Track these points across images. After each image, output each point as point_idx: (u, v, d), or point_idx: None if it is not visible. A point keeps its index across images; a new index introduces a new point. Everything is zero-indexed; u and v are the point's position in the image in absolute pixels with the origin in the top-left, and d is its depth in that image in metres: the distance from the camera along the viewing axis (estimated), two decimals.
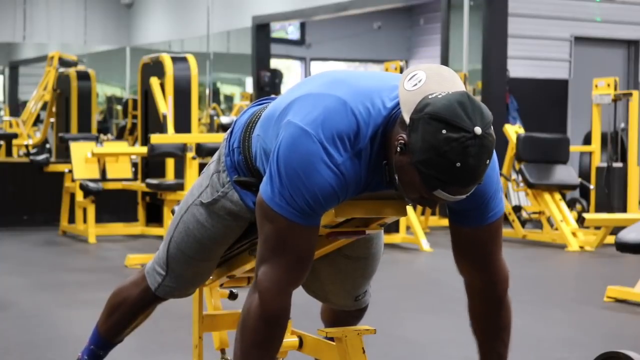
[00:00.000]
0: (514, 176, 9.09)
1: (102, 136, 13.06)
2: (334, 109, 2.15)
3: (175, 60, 8.81)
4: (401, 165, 2.09)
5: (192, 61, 8.82)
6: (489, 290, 2.39)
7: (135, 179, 8.93)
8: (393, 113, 2.16)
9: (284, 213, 2.14)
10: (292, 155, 2.13)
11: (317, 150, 2.11)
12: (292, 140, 2.13)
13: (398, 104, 2.16)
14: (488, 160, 2.06)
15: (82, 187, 8.25)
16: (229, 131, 2.49)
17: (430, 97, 2.06)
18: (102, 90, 19.32)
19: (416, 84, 2.10)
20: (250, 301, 2.22)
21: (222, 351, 3.05)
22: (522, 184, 8.86)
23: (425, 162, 2.03)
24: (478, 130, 2.02)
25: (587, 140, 10.11)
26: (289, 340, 2.52)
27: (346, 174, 2.14)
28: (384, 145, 2.16)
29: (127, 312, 2.76)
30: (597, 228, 8.22)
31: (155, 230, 8.40)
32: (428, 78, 2.11)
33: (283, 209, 2.14)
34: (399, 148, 2.08)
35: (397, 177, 2.12)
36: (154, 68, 8.87)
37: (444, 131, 2.01)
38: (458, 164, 2.01)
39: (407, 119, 2.08)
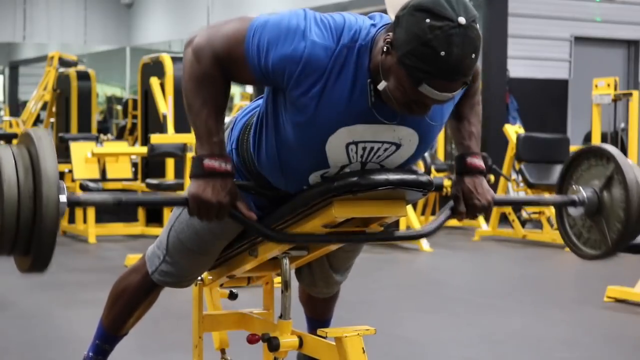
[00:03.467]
0: (514, 176, 9.09)
1: (102, 136, 13.07)
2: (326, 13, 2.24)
3: (175, 60, 8.82)
4: (388, 66, 2.10)
5: None
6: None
7: (135, 179, 8.93)
8: (372, 30, 2.19)
9: (248, 38, 2.19)
10: (284, 15, 2.20)
11: (301, 21, 2.17)
12: (290, 11, 2.22)
13: (380, 26, 2.20)
14: (474, 55, 2.05)
15: (82, 187, 8.25)
16: (230, 126, 2.49)
17: None
18: (102, 90, 19.34)
19: None
20: (185, 53, 2.25)
21: (222, 351, 3.05)
22: (522, 184, 8.86)
23: (410, 53, 2.04)
24: (462, 20, 2.02)
25: (587, 140, 10.12)
26: (289, 340, 2.52)
27: (312, 51, 2.14)
28: (368, 66, 2.17)
29: (128, 300, 2.77)
30: None
31: (155, 230, 8.40)
32: None
33: (250, 37, 2.18)
34: (385, 48, 2.10)
35: (384, 84, 2.11)
36: (154, 68, 8.87)
37: (427, 20, 2.02)
38: (442, 53, 2.01)
39: (392, 18, 2.10)
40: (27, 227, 2.06)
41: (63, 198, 2.09)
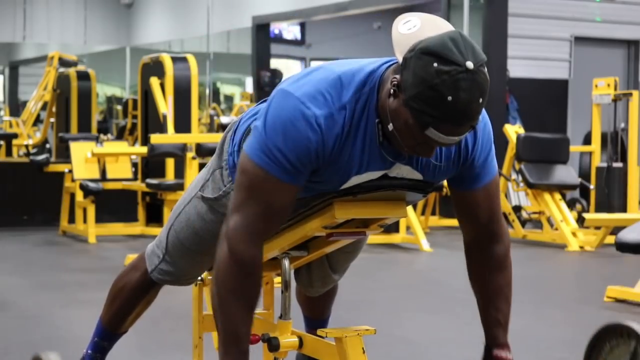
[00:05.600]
0: (514, 176, 9.09)
1: (102, 136, 13.07)
2: (315, 71, 2.22)
3: (175, 60, 8.82)
4: (395, 108, 2.09)
5: (192, 61, 8.83)
6: (494, 247, 2.41)
7: (135, 179, 8.93)
8: (379, 70, 2.18)
9: (263, 164, 2.16)
10: (274, 112, 2.17)
11: (295, 105, 2.14)
12: (276, 100, 2.19)
13: (383, 64, 2.19)
14: (481, 99, 2.04)
15: (82, 187, 8.25)
16: (234, 127, 2.48)
17: (423, 39, 2.08)
18: (102, 90, 19.33)
19: (410, 29, 2.12)
20: (220, 250, 2.23)
21: None
22: (522, 184, 8.86)
23: (417, 96, 2.03)
24: (470, 64, 2.02)
25: (587, 140, 10.11)
26: (289, 340, 2.52)
27: (325, 127, 2.14)
28: (376, 106, 2.16)
29: (127, 297, 2.77)
30: (597, 228, 8.22)
31: (155, 231, 8.40)
32: (423, 25, 2.13)
33: (262, 160, 2.16)
34: (392, 90, 2.09)
35: (392, 126, 2.11)
36: (154, 68, 8.87)
37: (435, 64, 2.01)
38: (449, 98, 2.01)
39: (400, 60, 2.09)
40: None
41: None
